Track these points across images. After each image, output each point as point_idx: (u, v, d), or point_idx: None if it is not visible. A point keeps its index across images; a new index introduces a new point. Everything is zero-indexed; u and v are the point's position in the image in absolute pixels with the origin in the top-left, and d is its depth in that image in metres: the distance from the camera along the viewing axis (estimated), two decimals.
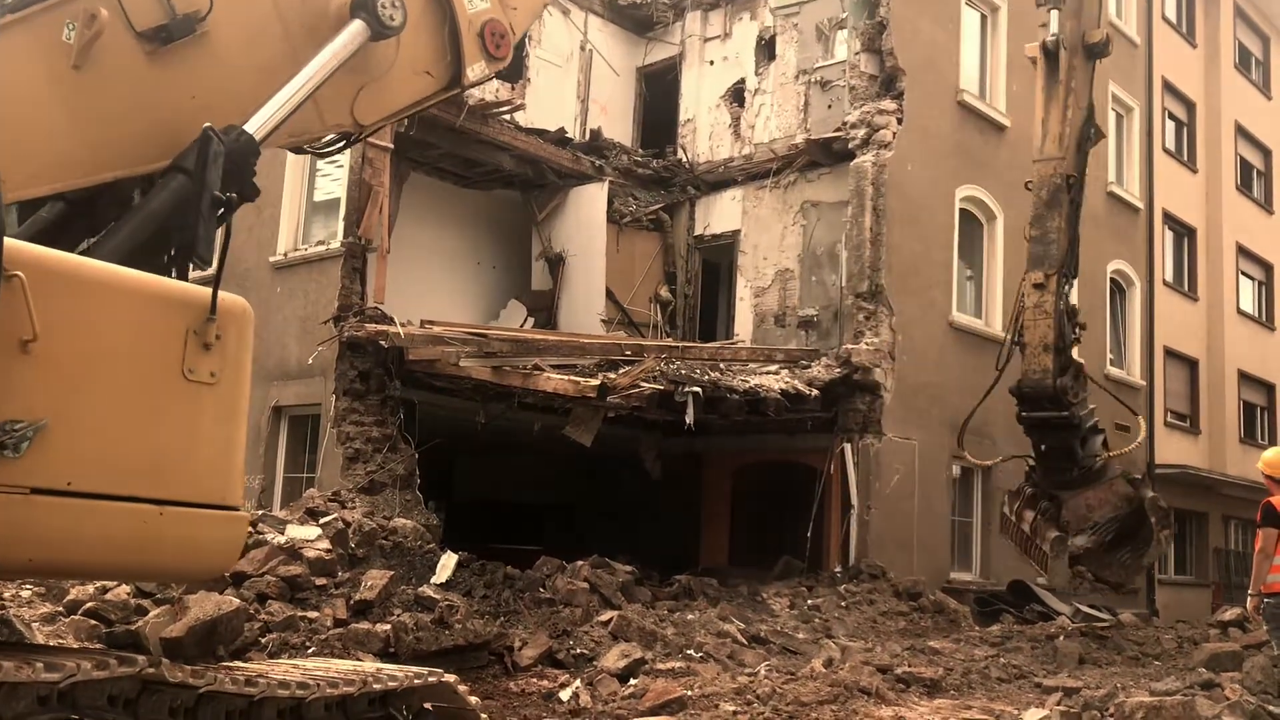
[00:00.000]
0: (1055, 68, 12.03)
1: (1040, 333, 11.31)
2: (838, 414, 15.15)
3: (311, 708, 4.07)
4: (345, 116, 4.69)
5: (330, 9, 4.53)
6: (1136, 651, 12.51)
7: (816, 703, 7.87)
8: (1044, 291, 11.47)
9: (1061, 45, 11.90)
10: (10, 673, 3.03)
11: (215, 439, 3.78)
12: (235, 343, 3.83)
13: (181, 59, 4.05)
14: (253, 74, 4.27)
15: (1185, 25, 25.28)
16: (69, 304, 3.35)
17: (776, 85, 17.58)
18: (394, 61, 4.76)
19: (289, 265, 14.81)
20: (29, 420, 3.22)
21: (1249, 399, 26.37)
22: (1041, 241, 11.67)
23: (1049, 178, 11.83)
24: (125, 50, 3.91)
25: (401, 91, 4.91)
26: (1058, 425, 11.46)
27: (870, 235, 15.54)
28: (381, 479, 12.93)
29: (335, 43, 4.44)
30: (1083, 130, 12.15)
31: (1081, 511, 11.84)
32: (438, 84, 5.08)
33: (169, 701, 3.59)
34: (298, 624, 8.39)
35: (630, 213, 17.44)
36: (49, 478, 3.28)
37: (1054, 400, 11.17)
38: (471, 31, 5.05)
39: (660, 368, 13.01)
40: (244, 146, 4.10)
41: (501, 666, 8.58)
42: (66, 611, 8.13)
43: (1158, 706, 7.62)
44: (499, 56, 5.21)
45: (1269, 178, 28.11)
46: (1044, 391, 11.11)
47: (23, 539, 3.19)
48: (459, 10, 4.99)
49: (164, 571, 4.16)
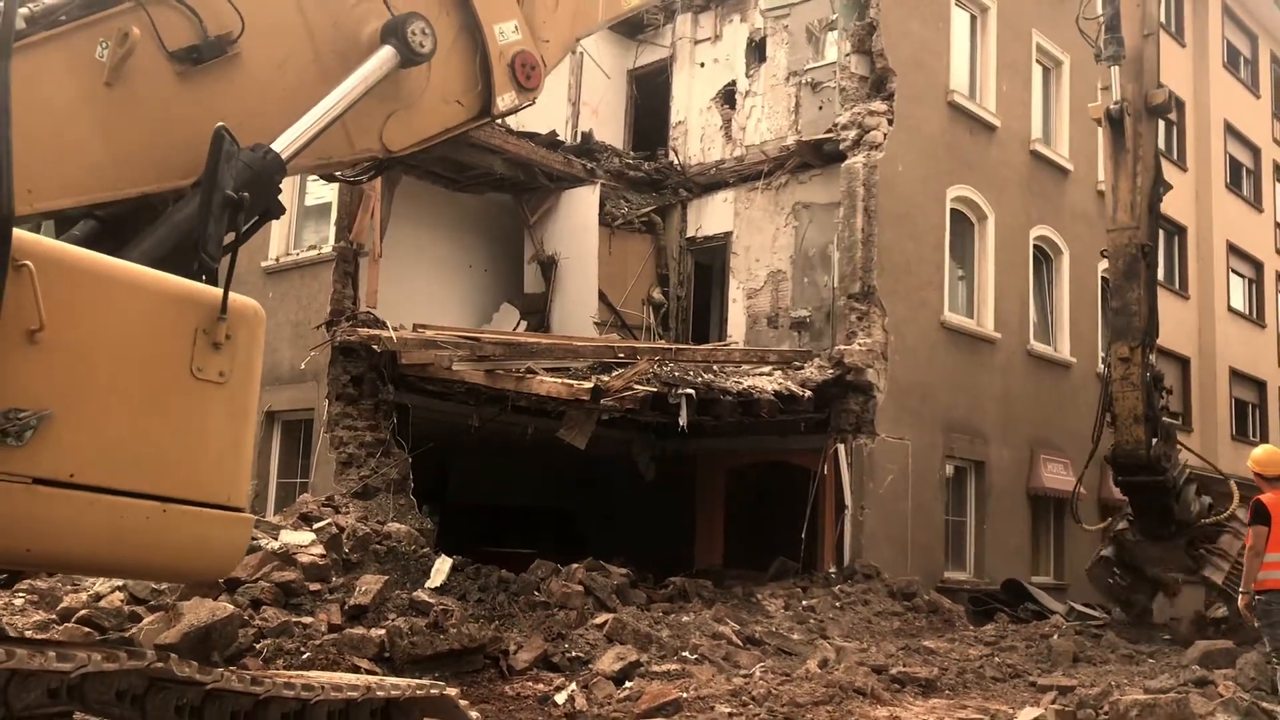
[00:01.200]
0: (1121, 134, 12.06)
1: (1130, 404, 11.62)
2: (831, 414, 15.17)
3: (315, 711, 4.07)
4: (374, 142, 4.71)
5: (362, 35, 4.56)
6: (1130, 649, 12.55)
7: (812, 704, 7.88)
8: (1130, 364, 11.70)
9: (1126, 112, 11.92)
10: (24, 660, 3.01)
11: (221, 439, 3.77)
12: (245, 343, 3.83)
13: (212, 79, 4.10)
14: (282, 96, 4.30)
15: (1174, 24, 25.37)
16: (78, 296, 3.36)
17: (767, 87, 17.61)
18: (425, 89, 4.79)
19: (281, 270, 14.80)
20: (33, 409, 3.22)
21: (1240, 396, 26.46)
22: (1124, 314, 11.86)
23: (1124, 248, 11.98)
24: (157, 69, 3.95)
25: (431, 119, 4.95)
26: (1154, 488, 11.82)
27: (862, 236, 15.56)
28: (375, 483, 12.92)
29: (364, 68, 4.48)
30: (1152, 194, 12.22)
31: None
32: (468, 113, 5.12)
33: (175, 699, 3.60)
34: (292, 630, 8.37)
35: (622, 215, 17.46)
36: (51, 468, 3.28)
37: (1148, 468, 11.47)
38: (502, 62, 5.09)
39: (654, 370, 13.02)
40: (270, 165, 4.13)
41: (497, 670, 8.57)
42: (60, 619, 8.11)
43: (1152, 704, 7.64)
44: (529, 87, 5.25)
45: (1258, 176, 28.23)
46: (1138, 461, 11.46)
47: (22, 529, 3.19)
48: (490, 41, 5.04)
49: (164, 570, 4.11)
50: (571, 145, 17.48)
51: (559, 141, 17.12)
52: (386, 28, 4.58)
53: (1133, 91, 12.13)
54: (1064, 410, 19.75)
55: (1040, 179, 19.66)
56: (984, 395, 17.78)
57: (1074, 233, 20.41)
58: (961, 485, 17.45)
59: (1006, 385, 18.29)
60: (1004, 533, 17.83)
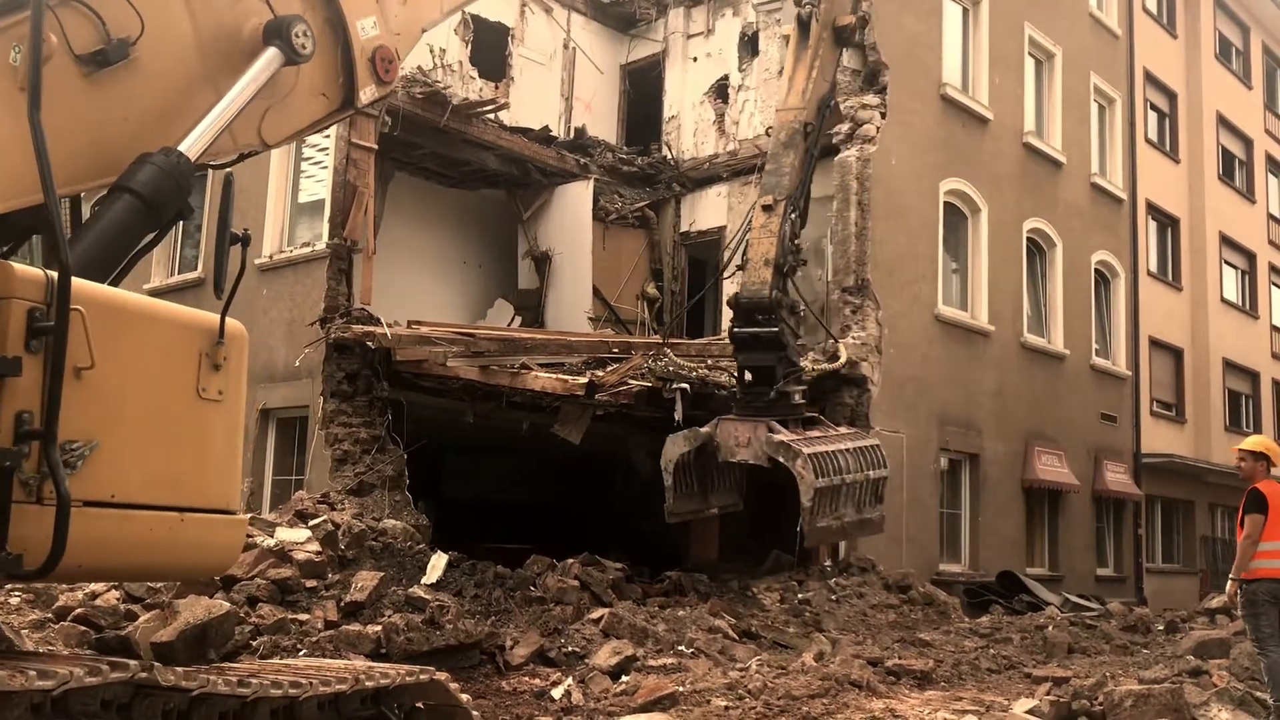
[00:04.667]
0: (805, 35, 12.34)
1: (763, 249, 11.21)
2: (825, 408, 15.17)
3: (305, 707, 4.11)
4: (254, 137, 4.94)
5: (243, 34, 4.76)
6: (1125, 640, 12.60)
7: (808, 696, 7.89)
8: (771, 214, 11.41)
9: (815, 18, 12.25)
10: (4, 681, 3.07)
11: (220, 450, 4.18)
12: (236, 363, 4.23)
13: (114, 82, 4.26)
14: (175, 96, 4.51)
15: (1166, 16, 25.40)
16: (112, 333, 3.75)
17: (760, 81, 17.60)
18: (295, 85, 5.03)
19: (275, 268, 14.77)
20: (84, 440, 3.61)
21: (1234, 387, 26.53)
22: (775, 173, 11.71)
23: (788, 123, 11.98)
24: (66, 73, 4.09)
25: (302, 112, 5.18)
26: (767, 340, 11.07)
27: (855, 229, 15.58)
28: (370, 480, 12.92)
29: (254, 69, 4.70)
30: (824, 98, 12.38)
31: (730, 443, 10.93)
32: (332, 105, 5.34)
33: (162, 705, 3.67)
34: (288, 626, 8.38)
35: (616, 210, 17.46)
36: (96, 491, 3.65)
37: (768, 310, 11.01)
38: (364, 56, 5.32)
39: (648, 365, 13.03)
40: (183, 167, 4.35)
41: (493, 666, 8.58)
42: (56, 618, 8.11)
43: (1146, 694, 7.67)
44: (387, 80, 5.49)
45: (1250, 167, 28.27)
46: (760, 303, 10.94)
47: (75, 546, 3.50)
48: (354, 36, 5.27)
49: (180, 571, 4.78)
50: (565, 140, 17.47)
51: (552, 137, 17.11)
52: (269, 29, 4.79)
53: (825, 8, 12.34)
54: (1058, 402, 19.80)
55: (1033, 171, 19.69)
56: (978, 388, 17.81)
57: (1067, 225, 20.45)
58: (956, 478, 17.49)
59: (1000, 378, 18.33)
60: (999, 525, 17.88)
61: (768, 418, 10.84)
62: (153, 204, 4.24)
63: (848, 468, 10.69)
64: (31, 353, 3.47)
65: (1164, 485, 23.28)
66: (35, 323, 3.49)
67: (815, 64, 12.20)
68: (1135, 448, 22.27)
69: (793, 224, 11.58)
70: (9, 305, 3.47)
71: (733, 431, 10.97)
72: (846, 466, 10.68)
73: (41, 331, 3.49)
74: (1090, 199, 21.47)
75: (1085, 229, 21.13)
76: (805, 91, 12.12)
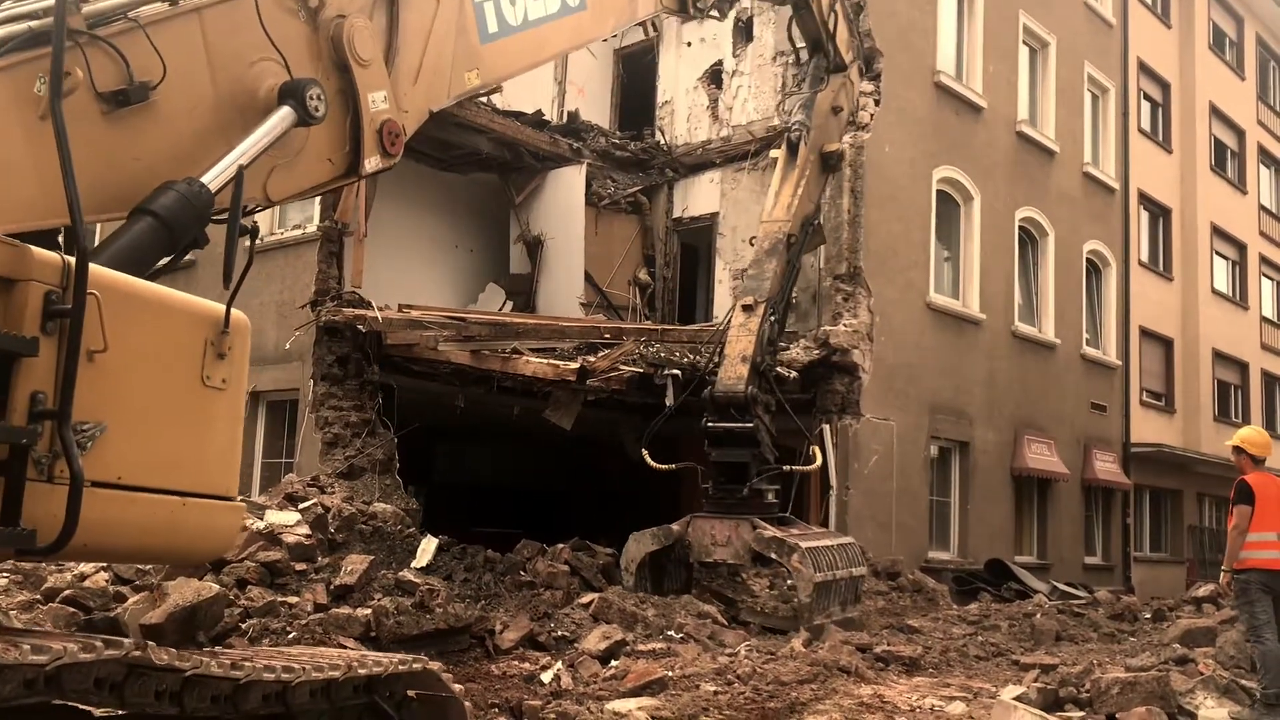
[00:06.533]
0: (794, 155, 12.48)
1: (741, 346, 11.32)
2: (816, 395, 15.21)
3: (297, 692, 4.12)
4: (259, 191, 5.11)
5: (259, 91, 4.96)
6: (1112, 628, 12.65)
7: (796, 682, 7.92)
8: (751, 314, 11.53)
9: (804, 141, 12.42)
10: None
11: (221, 437, 4.28)
12: (239, 353, 4.32)
13: (132, 122, 4.44)
14: (188, 143, 4.70)
15: (1160, 6, 25.40)
16: (123, 318, 3.84)
17: (754, 67, 17.55)
18: (304, 146, 5.23)
19: (265, 250, 14.69)
20: (94, 422, 3.69)
21: (1223, 378, 26.63)
22: (757, 278, 11.91)
23: (772, 233, 12.18)
24: (85, 108, 4.26)
25: (307, 174, 5.37)
26: (740, 436, 11.07)
27: (848, 217, 15.57)
28: (361, 464, 12.90)
29: (268, 124, 4.89)
30: (809, 217, 12.59)
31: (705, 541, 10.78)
32: (336, 171, 5.53)
33: (155, 685, 3.67)
34: (278, 609, 8.37)
35: (609, 195, 17.41)
36: (104, 472, 3.73)
37: (742, 409, 11.07)
38: (372, 128, 5.55)
39: (639, 350, 13.03)
40: (204, 197, 4.55)
41: (483, 650, 8.59)
42: (45, 599, 8.09)
43: (1133, 682, 7.71)
44: (392, 154, 5.70)
45: (1242, 158, 28.33)
46: (735, 398, 11.01)
47: (82, 526, 3.58)
48: (365, 108, 5.50)
49: (178, 555, 4.84)
50: (558, 125, 17.40)
51: (545, 121, 17.05)
52: (285, 89, 4.99)
53: (814, 137, 12.60)
54: (1048, 391, 19.86)
55: (1026, 160, 19.70)
56: (969, 376, 17.85)
57: (1059, 214, 20.47)
58: (946, 466, 17.54)
59: (991, 366, 18.37)
60: (988, 513, 17.94)
61: (746, 515, 10.69)
62: (172, 228, 4.42)
63: (836, 563, 10.75)
64: (47, 334, 3.56)
65: (1153, 475, 23.39)
66: (51, 305, 3.58)
67: (801, 184, 12.36)
68: (1125, 437, 22.36)
69: (772, 326, 11.72)
70: (27, 287, 3.57)
71: (708, 530, 10.83)
72: (835, 562, 10.75)
73: (57, 314, 3.58)
74: (1083, 188, 21.50)
75: (1077, 218, 21.16)
76: (790, 207, 12.27)
